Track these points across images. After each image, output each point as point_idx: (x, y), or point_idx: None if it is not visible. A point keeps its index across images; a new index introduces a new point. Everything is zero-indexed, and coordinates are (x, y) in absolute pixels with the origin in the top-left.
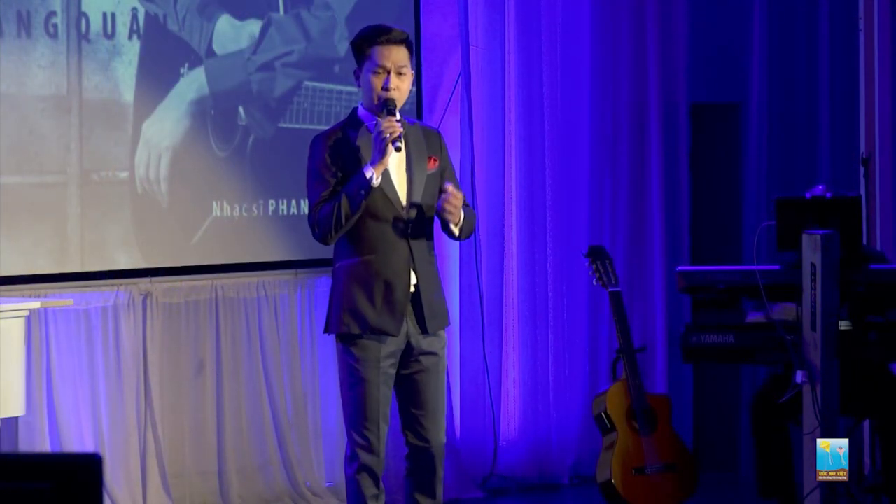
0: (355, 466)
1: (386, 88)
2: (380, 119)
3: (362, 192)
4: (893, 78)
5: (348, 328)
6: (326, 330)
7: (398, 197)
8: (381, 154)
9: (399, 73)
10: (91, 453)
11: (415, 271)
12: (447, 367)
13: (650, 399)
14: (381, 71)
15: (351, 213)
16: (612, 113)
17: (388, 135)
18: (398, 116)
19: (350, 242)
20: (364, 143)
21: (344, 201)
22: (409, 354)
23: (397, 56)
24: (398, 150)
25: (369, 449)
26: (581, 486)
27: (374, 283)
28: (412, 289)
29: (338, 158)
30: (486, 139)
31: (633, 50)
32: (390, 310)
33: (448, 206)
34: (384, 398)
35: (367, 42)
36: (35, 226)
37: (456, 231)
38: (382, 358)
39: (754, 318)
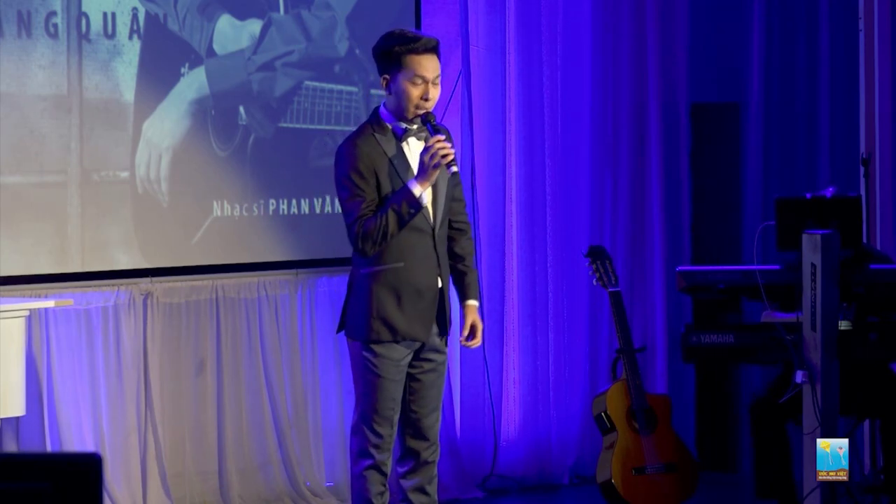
0: (365, 464)
1: (426, 99)
2: (427, 142)
3: (412, 211)
4: (893, 78)
5: (378, 335)
6: (342, 330)
7: (428, 207)
8: (427, 173)
9: (434, 83)
10: (91, 453)
11: (440, 277)
12: (447, 367)
13: (650, 399)
14: (420, 81)
15: (398, 230)
16: (612, 113)
17: (441, 157)
18: (443, 134)
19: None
20: (391, 147)
21: (392, 218)
22: (420, 352)
23: (434, 65)
24: (454, 174)
25: (381, 446)
26: (581, 486)
27: (405, 291)
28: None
29: (369, 166)
30: (486, 139)
31: (633, 50)
32: (420, 317)
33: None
34: (398, 397)
35: (401, 50)
36: (35, 226)
37: None
38: (402, 357)
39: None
